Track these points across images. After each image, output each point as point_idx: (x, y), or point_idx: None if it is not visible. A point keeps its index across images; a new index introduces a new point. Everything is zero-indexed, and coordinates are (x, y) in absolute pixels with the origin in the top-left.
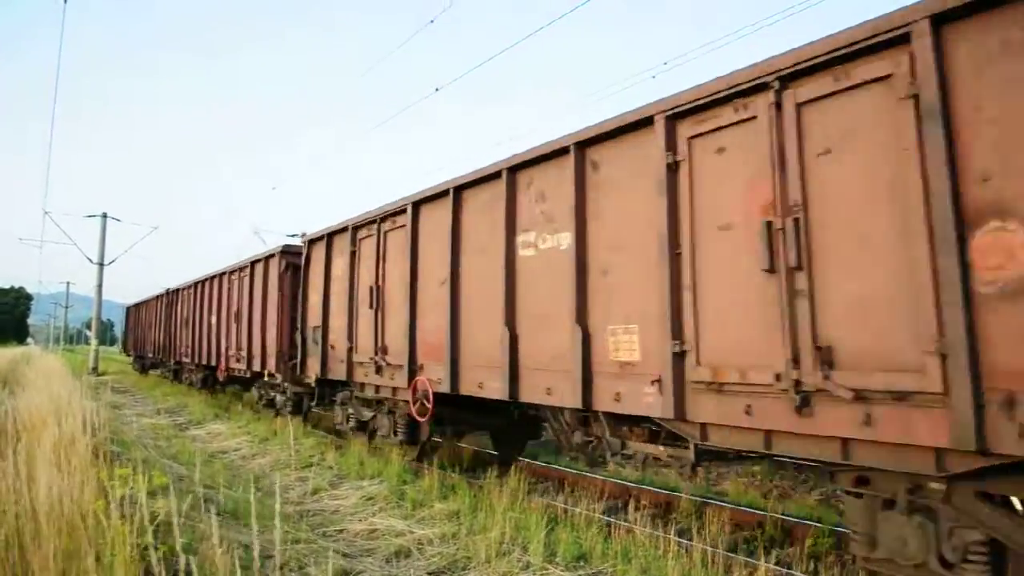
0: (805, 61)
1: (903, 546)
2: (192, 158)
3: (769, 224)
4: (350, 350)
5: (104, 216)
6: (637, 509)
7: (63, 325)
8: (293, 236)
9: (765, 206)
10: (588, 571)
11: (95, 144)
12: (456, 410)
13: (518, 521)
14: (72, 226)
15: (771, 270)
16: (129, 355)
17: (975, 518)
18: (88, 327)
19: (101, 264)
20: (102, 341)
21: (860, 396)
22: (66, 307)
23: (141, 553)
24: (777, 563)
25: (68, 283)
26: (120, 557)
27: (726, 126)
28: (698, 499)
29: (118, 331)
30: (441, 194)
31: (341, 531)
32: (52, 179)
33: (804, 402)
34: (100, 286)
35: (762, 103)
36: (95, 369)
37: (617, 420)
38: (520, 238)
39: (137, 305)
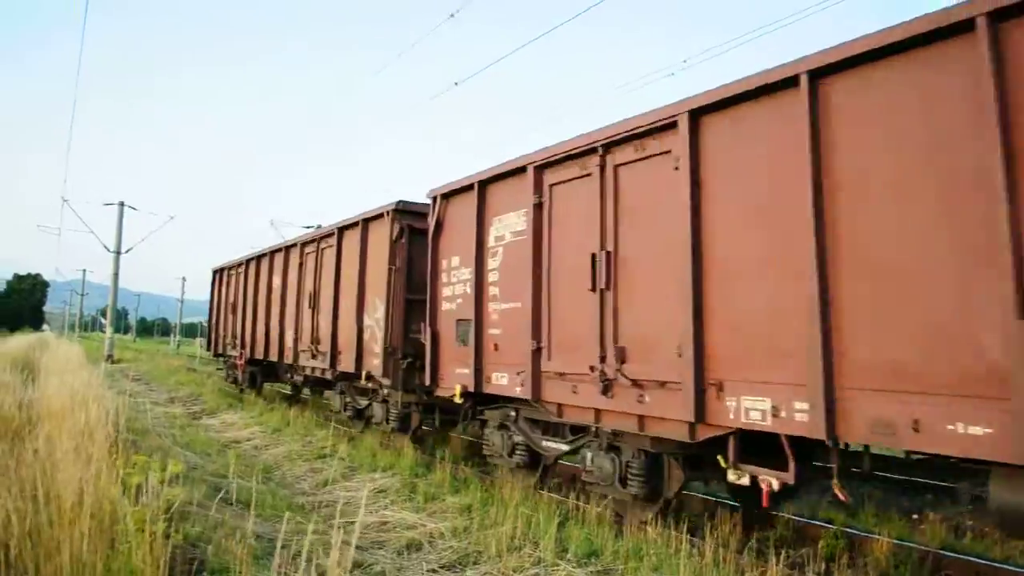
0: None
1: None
2: (210, 149)
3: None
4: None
5: (121, 205)
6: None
7: (79, 312)
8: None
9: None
10: (599, 568)
11: (114, 134)
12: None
13: (529, 517)
14: (90, 214)
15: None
16: (219, 356)
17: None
18: (103, 315)
19: (118, 252)
20: (116, 329)
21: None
22: (82, 295)
23: (160, 540)
24: (790, 565)
25: (84, 271)
26: (137, 543)
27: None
28: (711, 499)
29: (132, 319)
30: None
31: (353, 523)
32: (71, 167)
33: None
34: (116, 274)
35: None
36: (110, 357)
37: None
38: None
39: (257, 258)
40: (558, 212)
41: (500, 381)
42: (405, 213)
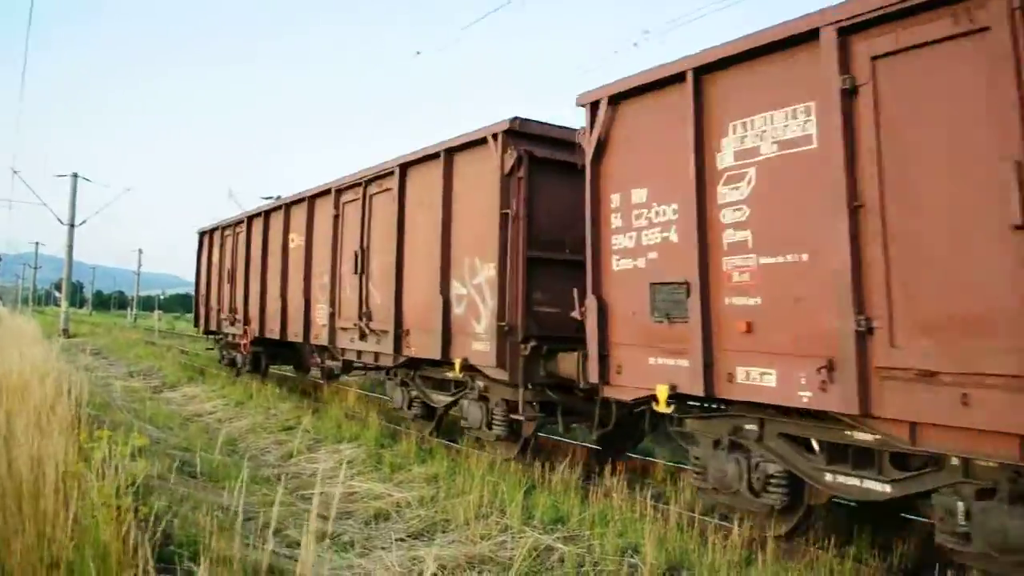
0: None
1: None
2: (167, 119)
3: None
4: None
5: (75, 176)
6: (614, 474)
7: (32, 286)
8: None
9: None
10: (566, 533)
11: (65, 102)
12: None
13: (496, 485)
14: (42, 186)
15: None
16: (211, 335)
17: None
18: (57, 288)
19: (71, 225)
20: (71, 303)
21: None
22: (35, 268)
23: (126, 514)
24: (751, 526)
25: (37, 244)
26: (104, 518)
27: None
28: (673, 464)
29: (88, 292)
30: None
31: (320, 494)
32: (22, 138)
33: None
34: (71, 247)
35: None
36: (65, 331)
37: None
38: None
39: (265, 213)
40: (900, 97)
41: (760, 380)
42: (521, 136)
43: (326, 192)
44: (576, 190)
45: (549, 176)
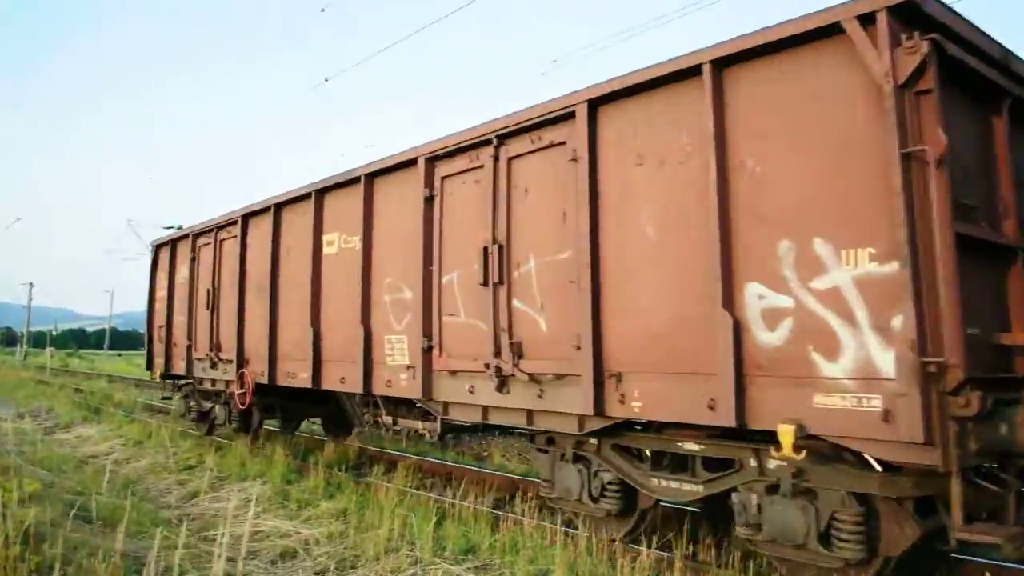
0: None
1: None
2: (60, 145)
3: None
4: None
5: None
6: (524, 501)
7: None
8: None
9: None
10: (477, 563)
11: None
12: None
13: (406, 518)
14: None
15: None
16: (172, 379)
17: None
18: None
19: None
20: None
21: None
22: None
23: (15, 564)
24: (659, 548)
25: None
26: None
27: None
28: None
29: None
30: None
31: (222, 535)
32: None
33: None
34: None
35: None
36: None
37: None
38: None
39: (276, 207)
40: None
41: None
42: (921, 22)
43: (405, 164)
44: (990, 125)
45: (955, 99)
